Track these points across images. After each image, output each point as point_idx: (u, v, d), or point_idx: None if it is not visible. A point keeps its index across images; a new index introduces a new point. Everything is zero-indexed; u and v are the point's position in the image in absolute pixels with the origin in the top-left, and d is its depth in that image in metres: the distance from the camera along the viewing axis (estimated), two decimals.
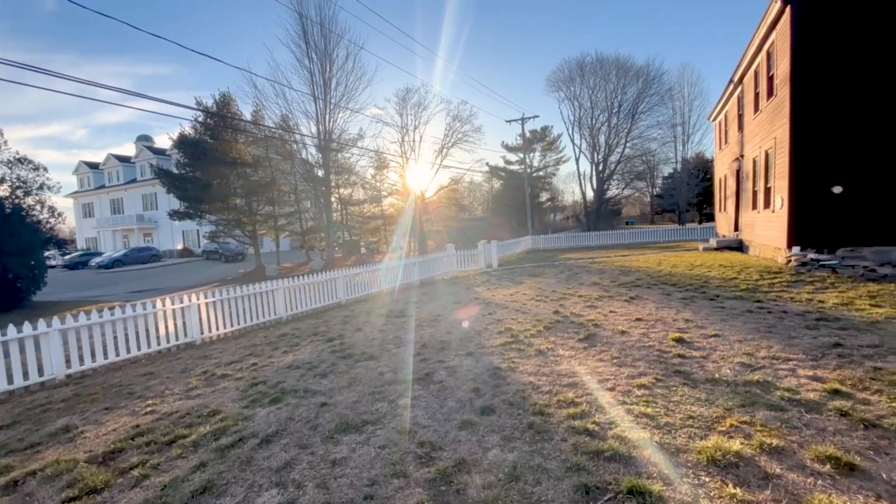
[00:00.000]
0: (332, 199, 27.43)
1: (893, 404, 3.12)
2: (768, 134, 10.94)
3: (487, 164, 45.38)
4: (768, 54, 10.90)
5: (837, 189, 8.77)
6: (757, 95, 12.18)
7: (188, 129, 22.19)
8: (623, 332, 5.55)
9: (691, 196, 45.28)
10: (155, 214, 42.47)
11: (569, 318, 6.55)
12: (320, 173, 25.64)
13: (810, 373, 3.81)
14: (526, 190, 33.31)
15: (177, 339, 6.97)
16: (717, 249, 14.94)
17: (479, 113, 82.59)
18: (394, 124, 29.13)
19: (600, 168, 44.75)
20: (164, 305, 6.84)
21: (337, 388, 4.37)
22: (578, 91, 43.90)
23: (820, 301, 6.40)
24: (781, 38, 9.74)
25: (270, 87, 23.23)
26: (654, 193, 54.55)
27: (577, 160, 46.23)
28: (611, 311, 6.80)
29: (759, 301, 6.71)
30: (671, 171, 49.25)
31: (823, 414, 3.07)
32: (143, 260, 33.55)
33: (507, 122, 33.59)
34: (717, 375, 3.89)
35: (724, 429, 2.94)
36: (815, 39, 8.98)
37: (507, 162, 47.02)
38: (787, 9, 9.21)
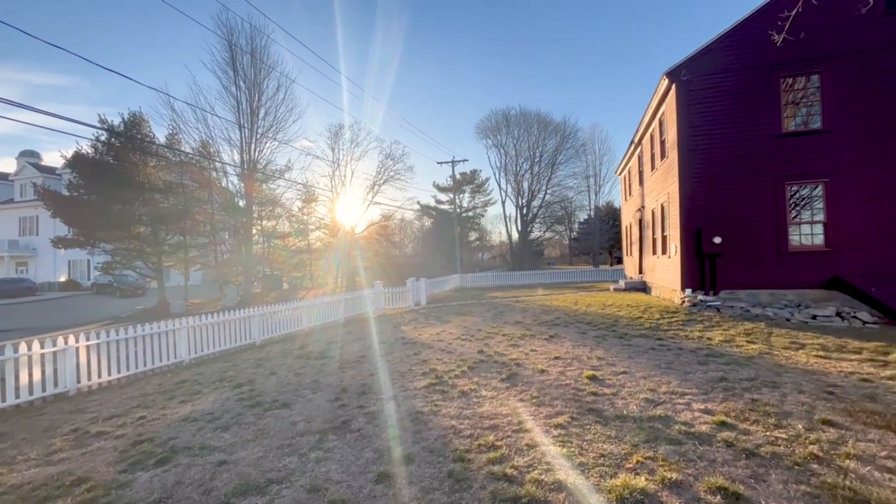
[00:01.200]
0: (254, 231, 25.88)
1: (767, 433, 3.51)
2: (663, 189, 12.51)
3: (419, 202, 46.19)
4: (660, 122, 12.66)
5: (717, 239, 10.16)
6: (653, 155, 13.98)
7: (87, 148, 19.91)
8: (542, 371, 5.72)
9: (603, 240, 49.62)
10: (34, 241, 36.70)
11: (492, 358, 6.63)
12: (242, 203, 24.22)
13: (702, 406, 4.18)
14: (455, 229, 34.22)
15: (44, 389, 5.85)
16: (625, 290, 16.35)
17: (412, 153, 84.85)
18: (325, 158, 28.84)
19: (524, 211, 47.64)
20: (29, 349, 5.76)
21: (240, 443, 3.92)
22: (504, 140, 47.14)
23: (708, 338, 7.19)
24: (670, 110, 11.40)
25: (191, 111, 21.89)
26: (572, 237, 59.00)
27: (503, 203, 48.98)
28: (532, 350, 7.02)
29: (660, 339, 7.36)
30: (586, 217, 53.87)
31: (713, 445, 3.35)
32: (11, 293, 28.48)
33: (438, 163, 34.96)
34: (625, 412, 4.12)
35: (631, 466, 3.08)
36: (696, 112, 10.63)
37: (438, 201, 48.30)
38: (673, 86, 10.87)
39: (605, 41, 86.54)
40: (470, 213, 50.09)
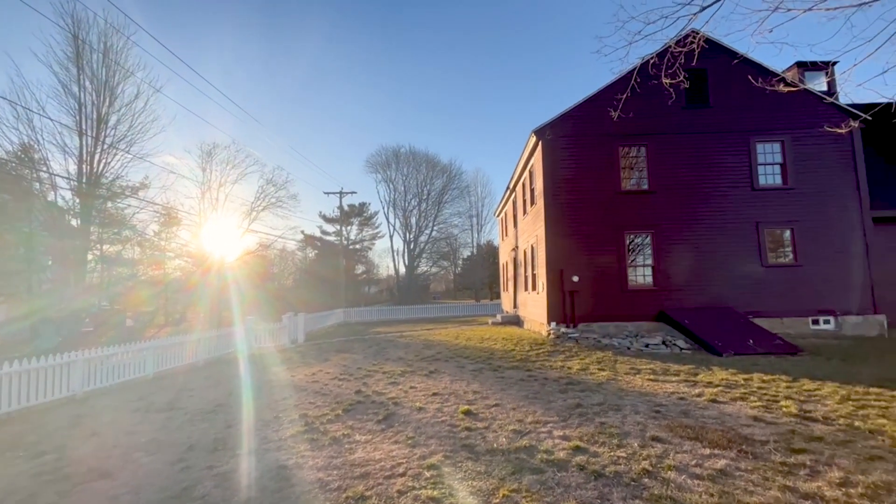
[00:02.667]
0: (90, 257, 21.53)
1: (611, 454, 3.95)
2: (533, 232, 13.96)
3: (303, 232, 43.90)
4: (531, 172, 14.27)
5: (576, 278, 11.59)
6: (525, 201, 15.59)
7: None
8: (420, 409, 5.67)
9: (484, 276, 52.87)
10: None
11: (370, 398, 6.37)
12: (75, 223, 20.10)
13: (561, 433, 4.55)
14: (341, 261, 33.14)
15: None
16: (501, 324, 17.47)
17: (297, 181, 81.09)
18: (194, 178, 25.77)
19: (412, 246, 48.56)
20: None
21: None
22: (394, 175, 48.18)
23: (568, 368, 7.99)
24: (537, 163, 12.95)
25: (9, 107, 17.76)
26: (457, 272, 61.70)
27: (391, 237, 49.27)
28: (411, 387, 6.95)
29: (529, 370, 7.94)
30: (469, 253, 57.07)
31: (569, 471, 3.64)
32: None
33: (325, 193, 33.83)
34: (495, 445, 4.26)
35: (497, 501, 3.15)
36: (559, 166, 12.25)
37: (324, 232, 46.54)
38: (540, 143, 12.43)
39: (488, 93, 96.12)
40: (357, 246, 49.22)
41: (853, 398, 5.50)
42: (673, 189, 12.10)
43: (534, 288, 14.17)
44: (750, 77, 11.50)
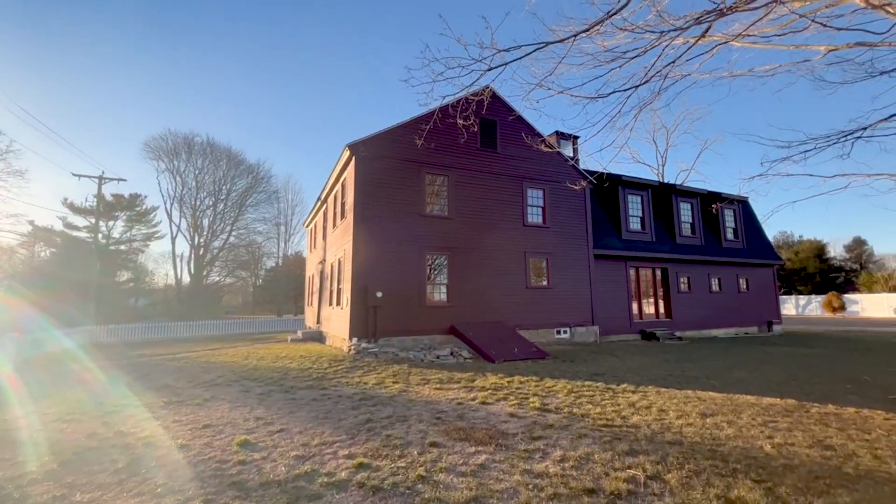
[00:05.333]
0: None
1: (392, 465, 4.07)
2: (341, 246, 13.78)
3: (32, 222, 32.62)
4: (343, 186, 14.15)
5: (379, 294, 11.91)
6: (335, 214, 15.32)
7: None
8: (183, 447, 4.73)
9: (290, 289, 49.32)
10: None
11: (109, 441, 4.98)
12: None
13: (347, 451, 4.47)
14: (94, 265, 25.78)
15: None
16: (302, 340, 16.47)
17: (30, 155, 60.29)
18: None
19: (202, 252, 41.65)
20: None
21: None
22: (184, 167, 40.79)
23: (365, 383, 8.03)
24: (350, 177, 12.96)
25: None
26: (258, 284, 55.75)
27: (173, 239, 41.17)
28: (175, 421, 5.76)
29: (324, 388, 7.64)
30: (274, 264, 52.49)
31: (349, 490, 3.57)
32: None
33: (76, 175, 25.70)
34: (271, 476, 3.86)
35: None
36: (370, 184, 12.51)
37: (71, 226, 35.57)
38: (353, 157, 12.50)
39: (308, 98, 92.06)
40: (123, 247, 39.23)
41: (574, 391, 7.19)
42: (468, 218, 13.84)
43: (338, 303, 13.90)
44: (523, 134, 14.24)
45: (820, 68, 6.93)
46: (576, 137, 17.75)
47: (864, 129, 6.41)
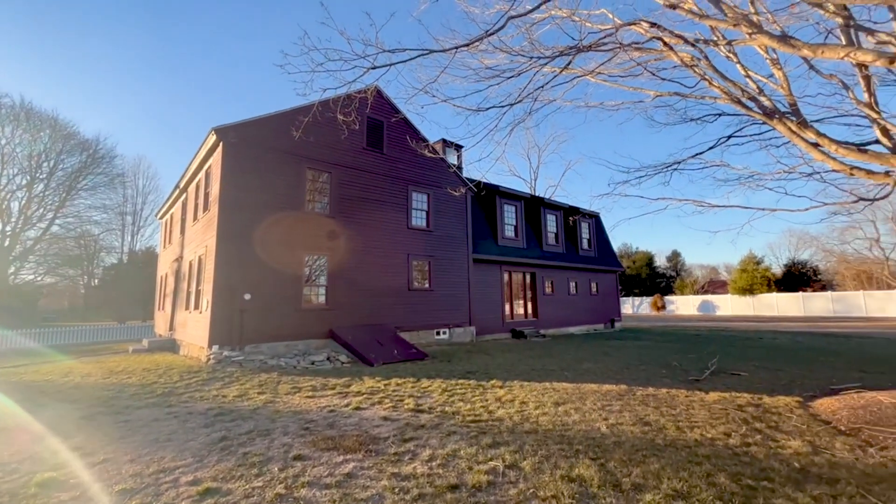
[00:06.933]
0: None
1: (247, 486, 3.67)
2: (202, 242, 12.16)
3: None
4: (207, 174, 12.54)
5: (248, 296, 10.81)
6: (197, 205, 13.50)
7: None
8: None
9: (137, 291, 41.94)
10: None
11: None
12: None
13: (191, 477, 3.90)
14: None
15: None
16: (148, 351, 14.09)
17: None
18: None
19: (7, 243, 32.99)
20: None
21: None
22: None
23: (223, 396, 7.17)
24: (216, 165, 11.54)
25: None
26: (94, 284, 46.18)
27: None
28: None
29: (170, 406, 6.60)
30: (116, 261, 44.16)
31: None
32: None
33: None
34: None
35: None
36: (241, 174, 11.30)
37: None
38: (221, 144, 11.17)
39: (170, 68, 79.61)
40: None
41: (449, 390, 7.44)
42: (350, 218, 13.42)
43: (196, 307, 12.23)
44: (409, 138, 14.40)
45: (651, 109, 8.36)
46: (460, 147, 18.60)
47: (679, 163, 7.92)
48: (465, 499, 3.41)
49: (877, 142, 5.91)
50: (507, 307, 18.60)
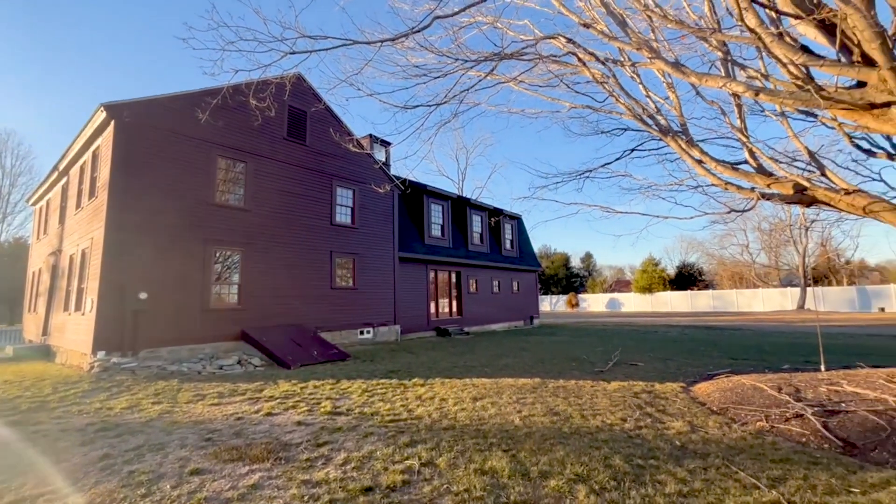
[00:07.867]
0: None
1: None
2: (87, 233, 10.62)
3: None
4: (94, 156, 10.98)
5: (143, 295, 9.65)
6: (81, 191, 11.76)
7: None
8: None
9: (5, 290, 35.56)
10: None
11: None
12: None
13: None
14: None
15: None
16: (13, 360, 11.98)
17: None
18: None
19: None
20: None
21: None
22: None
23: (109, 409, 6.32)
24: (106, 147, 10.15)
25: None
26: None
27: None
28: None
29: (38, 423, 5.66)
30: None
31: None
32: None
33: None
34: None
35: None
36: (137, 158, 10.04)
37: None
38: (113, 122, 9.83)
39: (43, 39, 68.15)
40: None
41: (369, 390, 7.30)
42: (268, 211, 12.59)
43: (77, 308, 10.64)
44: (333, 131, 13.92)
45: (567, 120, 8.93)
46: (388, 143, 18.37)
47: (590, 171, 8.55)
48: (379, 500, 3.36)
49: (746, 162, 6.90)
50: (433, 305, 18.75)
